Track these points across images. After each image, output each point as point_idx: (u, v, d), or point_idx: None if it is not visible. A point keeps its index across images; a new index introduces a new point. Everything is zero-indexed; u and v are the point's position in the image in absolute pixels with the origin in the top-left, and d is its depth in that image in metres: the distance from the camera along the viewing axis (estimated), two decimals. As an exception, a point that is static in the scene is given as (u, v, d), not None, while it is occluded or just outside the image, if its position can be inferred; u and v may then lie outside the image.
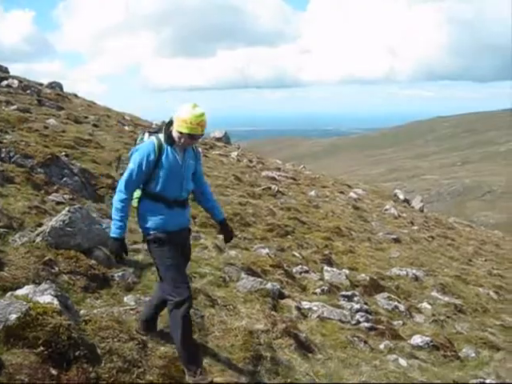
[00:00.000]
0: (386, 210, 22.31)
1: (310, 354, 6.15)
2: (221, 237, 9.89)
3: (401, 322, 8.96)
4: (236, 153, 24.51)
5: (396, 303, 9.68)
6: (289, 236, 12.31)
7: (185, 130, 4.64)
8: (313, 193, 20.22)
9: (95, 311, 5.12)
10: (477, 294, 12.94)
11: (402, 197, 29.19)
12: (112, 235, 4.73)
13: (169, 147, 4.79)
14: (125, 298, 5.77)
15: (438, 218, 28.27)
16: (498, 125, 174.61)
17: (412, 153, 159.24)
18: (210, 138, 29.08)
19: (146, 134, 4.98)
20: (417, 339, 8.16)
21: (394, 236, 16.66)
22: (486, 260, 19.29)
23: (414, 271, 12.53)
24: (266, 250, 9.96)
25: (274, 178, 20.00)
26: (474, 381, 7.23)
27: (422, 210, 28.35)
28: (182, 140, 4.74)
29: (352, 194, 23.82)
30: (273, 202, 15.77)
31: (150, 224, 4.81)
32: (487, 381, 7.26)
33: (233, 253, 8.98)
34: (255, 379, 5.07)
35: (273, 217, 13.62)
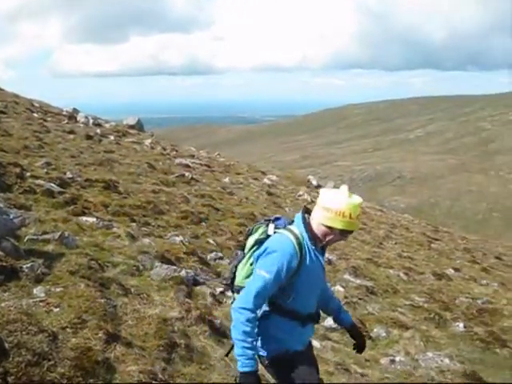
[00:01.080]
0: (300, 195, 22.67)
1: (224, 340, 6.18)
2: (134, 225, 9.82)
3: (314, 304, 9.16)
4: (149, 140, 24.20)
5: (309, 287, 9.86)
6: (203, 223, 12.30)
7: (339, 226, 3.60)
8: (227, 180, 20.27)
9: (3, 304, 4.94)
10: (387, 275, 13.39)
11: (315, 183, 29.70)
12: (244, 369, 3.50)
13: (312, 248, 3.72)
14: (34, 290, 5.61)
15: (349, 203, 28.86)
16: (407, 112, 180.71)
17: (325, 140, 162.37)
18: (122, 126, 28.57)
19: (271, 226, 3.78)
20: (330, 321, 8.36)
21: (308, 221, 16.91)
22: (396, 243, 19.97)
23: (327, 255, 12.79)
24: (180, 238, 9.92)
25: (187, 166, 19.90)
26: (385, 358, 7.51)
27: (334, 196, 28.89)
28: (331, 237, 3.70)
29: (266, 181, 24.04)
30: (187, 189, 15.70)
31: (274, 345, 3.78)
32: (397, 358, 7.56)
33: (146, 241, 8.88)
34: (170, 366, 5.07)
35: (187, 204, 13.57)
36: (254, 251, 3.77)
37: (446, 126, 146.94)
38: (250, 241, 3.85)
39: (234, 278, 3.93)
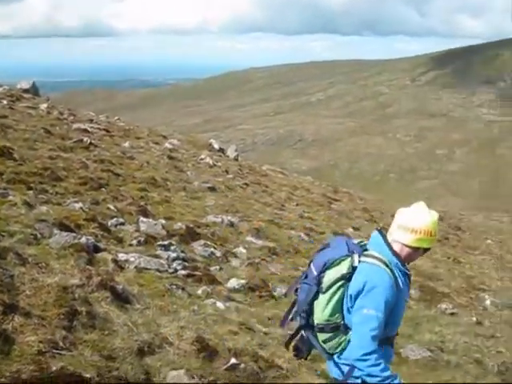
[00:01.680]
0: (202, 159, 22.59)
1: (127, 305, 6.12)
2: (30, 192, 9.48)
3: (218, 267, 9.23)
4: (45, 105, 23.24)
5: (212, 249, 9.93)
6: (103, 189, 12.03)
7: (426, 245, 3.59)
8: (127, 144, 19.88)
9: None
10: (289, 236, 13.67)
11: (217, 146, 29.66)
12: None
13: (400, 274, 3.61)
14: None
15: (251, 166, 29.19)
16: (308, 76, 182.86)
17: (227, 103, 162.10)
18: (16, 90, 27.28)
19: (356, 258, 3.61)
20: (233, 282, 8.49)
21: (210, 185, 16.96)
22: (297, 204, 20.37)
23: (229, 218, 12.89)
24: (80, 205, 9.68)
25: (86, 131, 19.30)
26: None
27: (236, 159, 29.06)
28: (415, 257, 3.68)
29: (167, 145, 23.76)
30: (85, 154, 15.25)
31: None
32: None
33: (44, 209, 8.61)
34: (71, 334, 4.98)
35: (86, 170, 13.20)
36: (340, 286, 3.60)
37: (346, 90, 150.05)
38: (332, 275, 3.61)
39: (309, 315, 3.72)
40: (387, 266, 3.54)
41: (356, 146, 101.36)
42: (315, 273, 3.67)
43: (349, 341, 3.60)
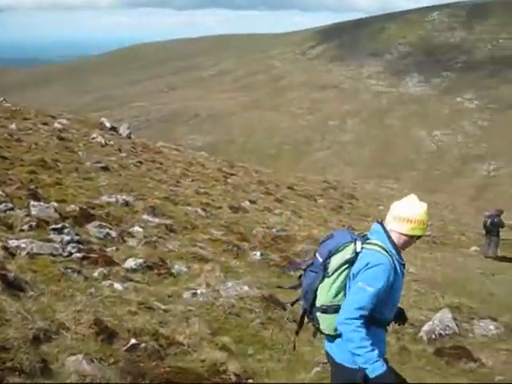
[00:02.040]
0: (93, 138, 22.04)
1: (20, 293, 5.91)
2: None
3: (114, 247, 9.07)
4: None
5: (108, 230, 9.73)
6: (-11, 173, 11.52)
7: (420, 233, 3.95)
8: (13, 126, 19.07)
9: None
10: (186, 212, 13.64)
11: (108, 125, 28.99)
12: (377, 373, 3.62)
13: (398, 260, 3.95)
14: None
15: (145, 144, 28.84)
16: (200, 51, 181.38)
17: (119, 80, 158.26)
18: None
19: (359, 244, 3.95)
20: (130, 262, 8.37)
21: (102, 164, 16.60)
22: (193, 180, 20.36)
23: (124, 197, 12.66)
24: (-36, 191, 9.22)
25: (-33, 113, 18.37)
26: (187, 292, 7.70)
27: (129, 137, 28.59)
28: (409, 244, 4.03)
29: (57, 125, 22.99)
30: (-32, 138, 14.54)
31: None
32: (198, 291, 7.79)
33: None
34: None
35: (-31, 154, 12.59)
36: (344, 270, 3.90)
37: (238, 65, 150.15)
38: (337, 260, 3.93)
39: (314, 300, 3.98)
40: (387, 252, 3.87)
41: (250, 120, 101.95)
42: (321, 260, 3.99)
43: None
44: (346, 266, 3.91)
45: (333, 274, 3.92)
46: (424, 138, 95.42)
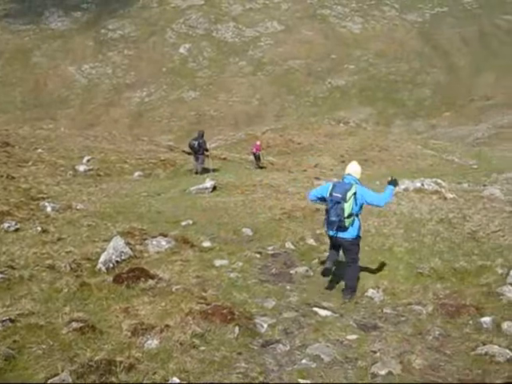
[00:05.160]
0: None
1: None
2: None
3: None
4: None
5: None
6: None
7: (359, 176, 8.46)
8: None
9: None
10: None
11: None
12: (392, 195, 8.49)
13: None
14: None
15: None
16: None
17: None
18: None
19: (356, 184, 8.14)
20: None
21: None
22: None
23: None
24: None
25: None
26: None
27: None
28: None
29: None
30: None
31: (360, 232, 8.26)
32: None
33: None
34: None
35: None
36: (352, 196, 7.84)
37: None
38: (350, 193, 7.85)
39: (343, 213, 7.86)
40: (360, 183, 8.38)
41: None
42: (340, 195, 7.84)
43: (354, 220, 8.00)
44: (354, 195, 7.88)
45: (348, 200, 7.82)
46: (74, 74, 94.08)
